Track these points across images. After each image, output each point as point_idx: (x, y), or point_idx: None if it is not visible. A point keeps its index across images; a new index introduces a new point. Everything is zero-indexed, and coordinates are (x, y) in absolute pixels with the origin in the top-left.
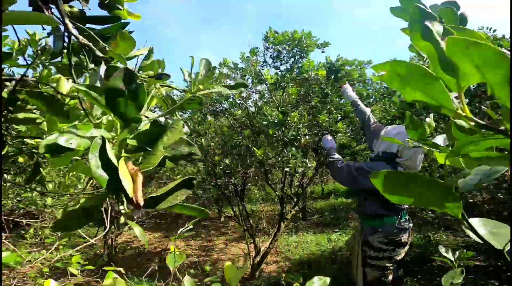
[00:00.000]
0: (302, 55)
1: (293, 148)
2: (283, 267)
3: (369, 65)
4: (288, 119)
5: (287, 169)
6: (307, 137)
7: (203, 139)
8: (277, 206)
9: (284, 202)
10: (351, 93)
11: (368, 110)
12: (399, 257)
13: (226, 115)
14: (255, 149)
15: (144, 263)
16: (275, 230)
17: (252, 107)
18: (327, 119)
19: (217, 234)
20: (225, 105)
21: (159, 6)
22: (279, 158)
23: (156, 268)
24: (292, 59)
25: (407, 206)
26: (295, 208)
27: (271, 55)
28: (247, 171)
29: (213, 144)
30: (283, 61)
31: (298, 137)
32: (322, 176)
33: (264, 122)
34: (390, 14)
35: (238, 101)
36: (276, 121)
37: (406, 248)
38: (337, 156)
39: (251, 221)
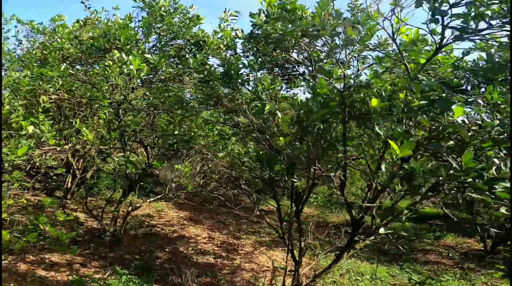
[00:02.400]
0: None
1: None
2: None
3: None
4: None
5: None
6: None
7: (269, 105)
8: (339, 214)
9: (359, 225)
10: None
11: None
12: None
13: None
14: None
15: (151, 250)
16: (331, 254)
17: (353, 79)
18: None
19: (247, 231)
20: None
21: None
22: None
23: (162, 260)
24: None
25: None
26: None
27: None
28: (316, 172)
29: (280, 115)
30: None
31: None
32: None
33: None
34: None
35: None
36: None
37: None
38: None
39: (302, 243)
